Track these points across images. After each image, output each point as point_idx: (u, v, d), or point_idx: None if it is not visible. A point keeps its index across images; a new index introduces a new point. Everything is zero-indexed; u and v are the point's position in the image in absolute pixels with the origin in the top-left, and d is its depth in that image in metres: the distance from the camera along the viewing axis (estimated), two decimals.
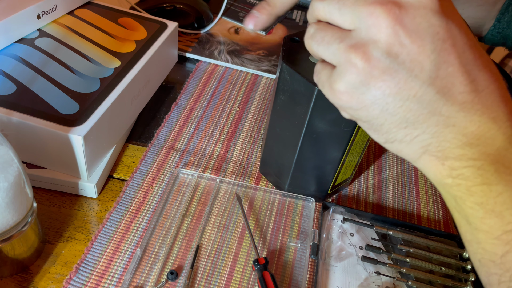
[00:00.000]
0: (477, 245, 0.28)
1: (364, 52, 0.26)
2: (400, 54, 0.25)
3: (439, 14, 0.25)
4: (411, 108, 0.26)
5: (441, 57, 0.25)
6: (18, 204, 0.36)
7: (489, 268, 0.27)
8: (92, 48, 0.55)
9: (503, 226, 0.26)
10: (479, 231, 0.27)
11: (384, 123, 0.28)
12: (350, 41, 0.27)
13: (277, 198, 0.52)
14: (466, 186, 0.27)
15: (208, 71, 0.70)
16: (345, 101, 0.28)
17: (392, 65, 0.26)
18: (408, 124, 0.27)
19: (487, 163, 0.26)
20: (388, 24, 0.25)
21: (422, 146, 0.28)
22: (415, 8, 0.25)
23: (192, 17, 0.77)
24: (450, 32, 0.25)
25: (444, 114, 0.26)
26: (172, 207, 0.49)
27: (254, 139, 0.60)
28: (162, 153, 0.55)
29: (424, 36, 0.25)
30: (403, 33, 0.25)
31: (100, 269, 0.42)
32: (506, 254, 0.26)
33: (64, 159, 0.46)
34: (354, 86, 0.27)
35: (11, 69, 0.49)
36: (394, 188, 0.56)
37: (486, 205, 0.26)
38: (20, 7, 0.52)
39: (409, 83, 0.26)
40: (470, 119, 0.26)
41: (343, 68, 0.27)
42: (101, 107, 0.47)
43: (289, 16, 0.87)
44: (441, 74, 0.25)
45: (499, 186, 0.26)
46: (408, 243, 0.47)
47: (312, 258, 0.46)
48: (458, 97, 0.26)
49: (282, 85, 0.43)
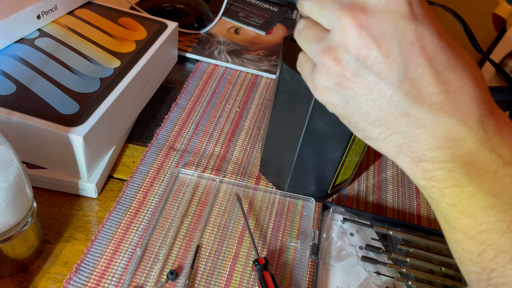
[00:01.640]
0: (456, 243, 0.28)
1: (335, 56, 0.27)
2: (368, 57, 0.26)
3: (407, 18, 0.26)
4: (382, 108, 0.27)
5: (409, 60, 0.26)
6: (18, 204, 0.36)
7: (468, 267, 0.28)
8: (92, 48, 0.55)
9: (477, 226, 0.26)
10: (456, 231, 0.28)
11: (359, 120, 0.29)
12: (325, 43, 0.28)
13: (277, 198, 0.52)
14: (439, 187, 0.27)
15: (208, 71, 0.70)
16: (325, 97, 0.30)
17: (361, 67, 0.27)
18: (381, 123, 0.28)
19: (458, 165, 0.26)
20: (354, 29, 0.26)
21: (396, 145, 0.28)
22: (382, 13, 0.26)
23: (192, 17, 0.77)
24: (419, 34, 0.26)
25: (414, 115, 0.27)
26: (172, 207, 0.49)
27: (254, 139, 0.60)
28: (162, 153, 0.55)
29: (390, 39, 0.26)
30: (369, 37, 0.26)
31: (100, 269, 0.42)
32: (482, 253, 0.26)
33: (64, 159, 0.46)
34: (330, 85, 0.29)
35: (11, 69, 0.49)
36: (394, 188, 0.56)
37: (459, 206, 0.27)
38: (20, 7, 0.52)
39: (379, 84, 0.27)
40: (440, 121, 0.26)
41: (319, 68, 0.29)
42: (101, 107, 0.47)
43: (289, 16, 0.87)
44: (410, 76, 0.26)
45: (471, 187, 0.26)
46: (408, 243, 0.47)
47: (312, 258, 0.46)
48: (428, 99, 0.26)
49: (282, 85, 0.43)
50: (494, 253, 0.26)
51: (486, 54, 0.47)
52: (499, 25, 1.42)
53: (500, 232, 0.26)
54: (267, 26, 0.81)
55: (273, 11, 0.86)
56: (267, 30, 0.80)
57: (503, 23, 1.39)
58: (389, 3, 0.26)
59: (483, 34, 1.45)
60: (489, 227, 0.26)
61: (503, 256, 0.26)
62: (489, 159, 0.26)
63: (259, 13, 0.85)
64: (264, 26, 0.81)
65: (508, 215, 0.25)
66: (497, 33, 1.43)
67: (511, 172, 0.26)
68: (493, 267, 0.26)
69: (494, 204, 0.26)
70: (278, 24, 0.84)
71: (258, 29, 0.80)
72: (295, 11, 0.89)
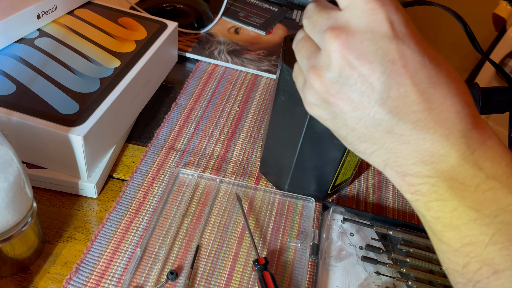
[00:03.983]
0: (442, 254, 0.29)
1: (319, 75, 0.28)
2: (351, 76, 0.27)
3: (387, 37, 0.26)
4: (367, 125, 0.28)
5: (392, 78, 0.26)
6: (18, 204, 0.36)
7: (455, 277, 0.28)
8: (92, 48, 0.55)
9: (461, 239, 0.27)
10: (441, 243, 0.28)
11: (347, 135, 0.30)
12: (313, 61, 0.29)
13: (277, 198, 0.52)
14: (424, 201, 0.28)
15: (208, 71, 0.70)
16: (314, 111, 0.31)
17: (345, 86, 0.27)
18: (367, 139, 0.29)
19: (441, 180, 0.27)
20: (335, 48, 0.27)
21: (383, 160, 0.29)
22: (363, 32, 0.26)
23: (192, 17, 0.77)
24: (401, 53, 0.26)
25: (398, 132, 0.27)
26: (172, 207, 0.49)
27: (254, 139, 0.60)
28: (162, 153, 0.55)
29: (372, 58, 0.26)
30: (351, 56, 0.26)
31: (100, 269, 0.42)
32: (467, 265, 0.27)
33: (64, 159, 0.46)
34: (317, 101, 0.30)
35: (11, 69, 0.49)
36: (394, 188, 0.56)
37: (443, 219, 0.27)
38: (20, 7, 0.52)
39: (362, 102, 0.27)
40: (423, 137, 0.27)
41: (307, 84, 0.30)
42: (101, 107, 0.47)
43: (289, 16, 0.87)
44: (393, 94, 0.26)
45: (454, 201, 0.27)
46: (408, 243, 0.47)
47: (312, 258, 0.46)
48: (411, 116, 0.26)
49: (282, 86, 0.43)
50: (478, 265, 0.26)
51: (486, 54, 0.47)
52: (499, 25, 1.42)
53: (483, 245, 0.26)
54: (267, 26, 0.81)
55: (273, 11, 0.86)
56: (267, 30, 0.80)
57: (503, 23, 1.39)
58: (370, 23, 0.26)
59: (483, 34, 1.45)
60: (472, 240, 0.26)
61: (487, 269, 0.26)
62: (471, 174, 0.26)
63: (259, 13, 0.85)
64: (264, 26, 0.81)
65: (490, 228, 0.26)
66: (497, 33, 1.43)
67: (493, 186, 0.26)
68: (477, 278, 0.27)
69: (476, 218, 0.26)
70: (278, 24, 0.84)
71: (258, 29, 0.80)
72: (295, 11, 0.89)
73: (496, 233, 0.26)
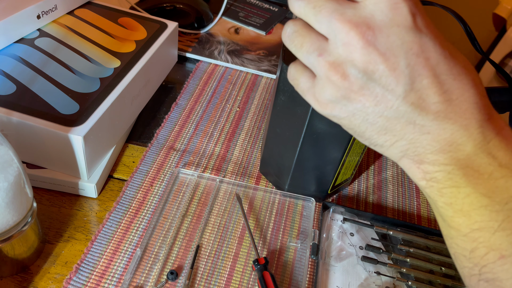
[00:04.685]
0: (451, 240, 0.30)
1: (342, 71, 0.28)
2: (376, 71, 0.27)
3: (412, 30, 0.26)
4: (389, 118, 0.28)
5: (415, 71, 0.27)
6: (18, 204, 0.36)
7: (462, 262, 0.30)
8: (92, 48, 0.55)
9: (470, 224, 0.28)
10: (451, 228, 0.29)
11: (365, 130, 0.30)
12: (328, 57, 0.28)
13: (277, 198, 0.52)
14: (438, 188, 0.29)
15: (208, 71, 0.70)
16: (329, 111, 0.30)
17: (369, 81, 0.27)
18: (387, 132, 0.29)
19: (457, 167, 0.28)
20: (362, 45, 0.26)
21: (401, 150, 0.30)
22: (388, 27, 0.26)
23: (192, 17, 0.77)
24: (423, 46, 0.27)
25: (419, 123, 0.28)
26: (172, 207, 0.49)
27: (254, 139, 0.60)
28: (162, 153, 0.55)
29: (398, 53, 0.26)
30: (376, 52, 0.26)
31: (100, 269, 0.42)
32: (474, 250, 0.28)
33: (64, 159, 0.46)
34: (336, 99, 0.29)
35: (11, 69, 0.49)
36: (394, 188, 0.56)
37: (455, 205, 0.28)
38: (20, 7, 0.52)
39: (386, 96, 0.28)
40: (443, 127, 0.27)
41: (324, 82, 0.29)
42: (101, 107, 0.47)
43: (289, 16, 0.87)
44: (416, 87, 0.27)
45: (467, 188, 0.28)
46: (408, 243, 0.47)
47: (312, 258, 0.46)
48: (432, 107, 0.27)
49: (282, 86, 0.43)
50: (485, 250, 0.28)
51: (486, 54, 0.47)
52: (499, 25, 1.42)
53: (492, 230, 0.27)
54: (267, 26, 0.81)
55: (273, 11, 0.86)
56: (267, 30, 0.80)
57: (503, 23, 1.39)
58: (394, 17, 0.26)
59: (483, 34, 1.45)
60: (481, 226, 0.28)
61: (493, 254, 0.27)
62: (485, 162, 0.28)
63: (259, 13, 0.85)
64: (264, 26, 0.81)
65: (500, 215, 0.27)
66: (497, 33, 1.43)
67: (505, 174, 0.27)
68: (484, 263, 0.28)
69: (487, 204, 0.27)
70: (278, 24, 0.84)
71: (258, 29, 0.80)
72: None
73: (505, 219, 0.27)
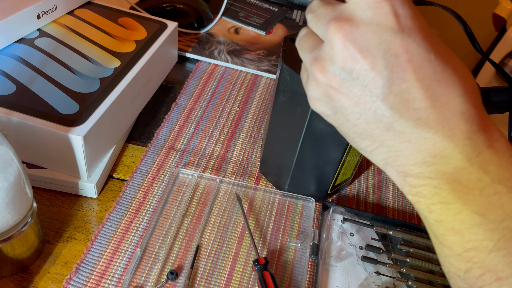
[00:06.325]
0: (444, 258, 0.28)
1: (322, 66, 0.28)
2: (354, 69, 0.26)
3: (392, 30, 0.25)
4: (368, 121, 0.27)
5: (394, 73, 0.25)
6: (18, 204, 0.36)
7: (456, 282, 0.27)
8: (92, 48, 0.55)
9: (464, 243, 0.26)
10: (443, 246, 0.27)
11: (348, 131, 0.29)
12: (316, 53, 0.28)
13: (277, 198, 0.52)
14: (426, 203, 0.27)
15: (208, 71, 0.70)
16: (317, 106, 0.30)
17: (347, 79, 0.27)
18: (368, 136, 0.28)
19: (443, 182, 0.26)
20: (338, 40, 0.26)
21: (383, 158, 0.28)
22: (366, 24, 0.26)
23: (192, 17, 0.77)
24: (405, 47, 0.25)
25: (399, 130, 0.26)
26: (172, 207, 0.49)
27: (254, 139, 0.60)
28: (162, 153, 0.55)
29: (375, 52, 0.26)
30: (354, 48, 0.26)
31: (100, 269, 0.42)
32: (469, 271, 0.26)
33: (64, 159, 0.46)
34: (318, 95, 0.29)
35: (11, 69, 0.49)
36: (394, 188, 0.56)
37: (446, 223, 0.26)
38: (20, 7, 0.52)
39: (364, 97, 0.27)
40: (424, 136, 0.26)
41: (310, 77, 0.29)
42: (101, 107, 0.47)
43: (289, 16, 0.87)
44: (395, 90, 0.26)
45: (457, 205, 0.26)
46: (408, 243, 0.47)
47: (312, 258, 0.46)
48: (412, 113, 0.26)
49: (282, 86, 0.43)
50: (481, 271, 0.26)
51: (486, 54, 0.47)
52: (499, 25, 1.42)
53: (487, 250, 0.25)
54: (267, 26, 0.81)
55: (273, 11, 0.86)
56: (267, 30, 0.80)
57: (503, 23, 1.39)
58: (374, 15, 0.26)
59: (483, 34, 1.45)
60: (475, 245, 0.26)
61: (489, 275, 0.25)
62: (475, 177, 0.25)
63: (259, 13, 0.85)
64: (264, 26, 0.81)
65: (495, 233, 0.25)
66: (497, 33, 1.43)
67: (499, 190, 0.25)
68: (479, 284, 0.26)
69: (480, 223, 0.25)
70: (278, 24, 0.84)
71: (258, 29, 0.80)
72: (295, 11, 0.89)
73: (501, 239, 0.25)
